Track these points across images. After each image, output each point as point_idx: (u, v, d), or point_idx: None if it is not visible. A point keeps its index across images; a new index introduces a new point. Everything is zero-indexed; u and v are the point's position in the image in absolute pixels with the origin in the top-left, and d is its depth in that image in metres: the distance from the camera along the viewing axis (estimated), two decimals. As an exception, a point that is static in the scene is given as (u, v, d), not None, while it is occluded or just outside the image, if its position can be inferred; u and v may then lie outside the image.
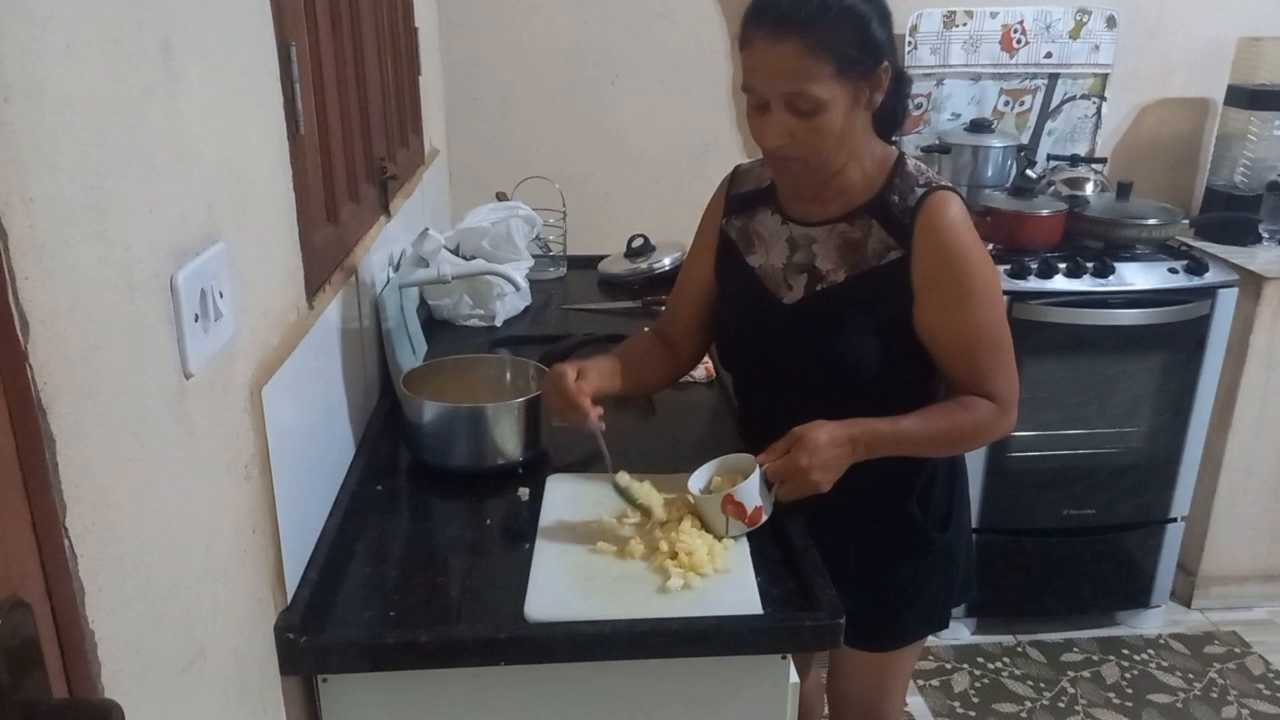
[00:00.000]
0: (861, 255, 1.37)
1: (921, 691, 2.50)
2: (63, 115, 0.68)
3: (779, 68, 1.25)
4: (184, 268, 0.86)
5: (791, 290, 1.42)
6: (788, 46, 1.23)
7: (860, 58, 1.27)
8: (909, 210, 1.34)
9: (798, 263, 1.42)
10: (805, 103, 1.26)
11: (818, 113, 1.27)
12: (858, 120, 1.32)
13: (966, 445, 1.44)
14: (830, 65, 1.24)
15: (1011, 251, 2.55)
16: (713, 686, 1.19)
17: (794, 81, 1.25)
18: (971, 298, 1.34)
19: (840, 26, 1.24)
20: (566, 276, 2.53)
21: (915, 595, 1.54)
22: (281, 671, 1.10)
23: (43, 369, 0.64)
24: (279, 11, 1.18)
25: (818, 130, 1.28)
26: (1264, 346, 2.61)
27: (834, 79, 1.25)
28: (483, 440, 1.48)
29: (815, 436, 1.28)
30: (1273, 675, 2.58)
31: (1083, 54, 2.86)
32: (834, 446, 1.29)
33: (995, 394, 1.37)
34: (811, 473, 1.28)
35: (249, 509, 1.03)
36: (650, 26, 2.77)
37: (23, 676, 0.61)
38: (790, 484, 1.29)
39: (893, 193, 1.36)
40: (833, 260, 1.39)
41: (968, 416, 1.37)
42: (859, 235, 1.37)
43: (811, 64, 1.24)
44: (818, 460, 1.28)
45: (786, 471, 1.28)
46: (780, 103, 1.27)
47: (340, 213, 1.48)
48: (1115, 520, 2.69)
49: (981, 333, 1.36)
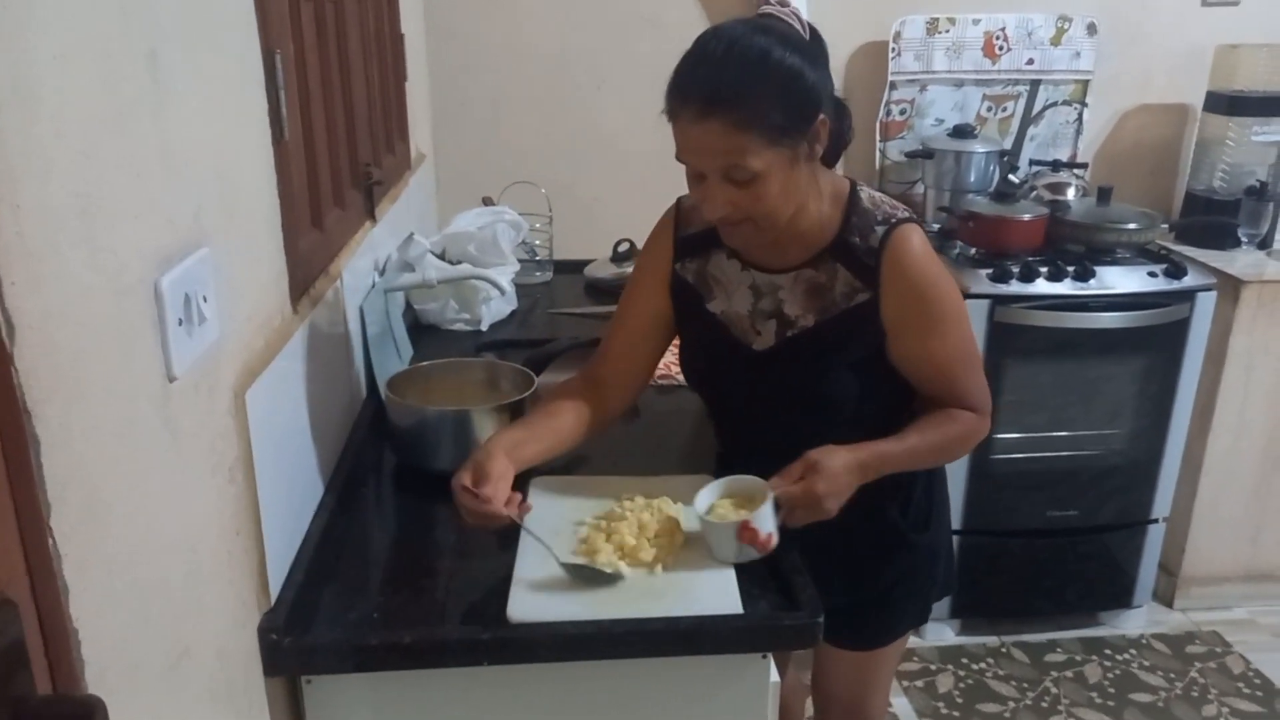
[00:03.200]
0: (830, 299, 1.35)
1: (906, 692, 2.51)
2: (52, 123, 0.69)
3: (708, 145, 1.21)
4: (169, 273, 0.87)
5: (760, 336, 1.40)
6: (713, 125, 1.19)
7: (793, 121, 1.22)
8: (872, 251, 1.32)
9: (764, 309, 1.39)
10: (740, 174, 1.22)
11: (755, 183, 1.22)
12: (799, 174, 1.27)
13: (955, 454, 1.46)
14: (761, 137, 1.19)
15: (993, 255, 2.57)
16: (694, 685, 1.21)
17: (725, 157, 1.21)
18: (943, 324, 1.36)
19: (768, 96, 1.19)
20: (553, 281, 2.54)
21: (899, 594, 1.55)
22: (265, 672, 1.11)
23: (28, 372, 0.65)
24: (264, 20, 1.19)
25: (759, 197, 1.24)
26: (1243, 349, 2.64)
27: (766, 149, 1.20)
28: (467, 444, 1.49)
29: (831, 465, 1.27)
30: (1252, 674, 2.61)
31: (1064, 60, 2.89)
32: (848, 473, 1.29)
33: (975, 405, 1.40)
34: (826, 500, 1.27)
35: (233, 511, 1.04)
36: (637, 32, 2.78)
37: (8, 673, 0.62)
38: (801, 510, 1.27)
39: (852, 234, 1.34)
40: (800, 305, 1.37)
41: (957, 428, 1.39)
42: (824, 280, 1.36)
43: (740, 140, 1.19)
44: (834, 487, 1.27)
45: (802, 500, 1.27)
46: (716, 175, 1.24)
47: (325, 218, 1.49)
48: (1098, 521, 2.72)
49: (955, 353, 1.38)
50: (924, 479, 1.53)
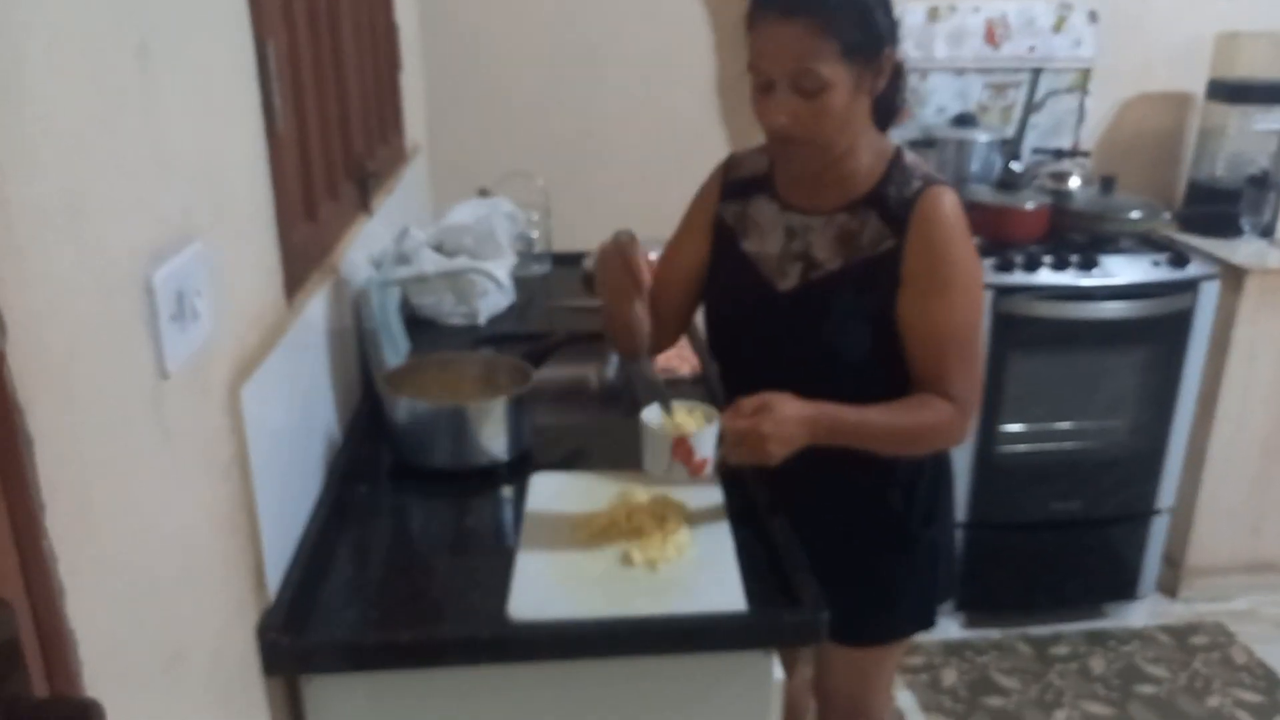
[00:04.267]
0: (857, 245, 1.38)
1: (910, 686, 2.51)
2: (40, 119, 0.68)
3: (786, 47, 1.27)
4: (161, 268, 0.86)
5: (786, 278, 1.42)
6: (795, 26, 1.26)
7: (865, 42, 1.29)
8: (906, 202, 1.35)
9: (794, 251, 1.42)
10: (810, 82, 1.27)
11: (822, 93, 1.28)
12: (860, 105, 1.33)
13: (921, 446, 1.42)
14: (836, 46, 1.26)
15: (997, 245, 2.56)
16: (697, 683, 1.20)
17: (800, 60, 1.27)
18: (950, 291, 1.34)
19: (846, 11, 1.27)
20: (550, 273, 2.53)
21: (900, 591, 1.54)
22: (264, 672, 1.10)
23: (21, 370, 0.64)
24: (256, 10, 1.17)
25: (821, 111, 1.29)
26: (1246, 339, 2.63)
27: (839, 60, 1.27)
28: (465, 439, 1.48)
29: (783, 408, 1.27)
30: (1256, 665, 2.60)
31: (1065, 48, 2.87)
32: (798, 424, 1.28)
33: (956, 396, 1.36)
34: (769, 442, 1.26)
35: (229, 509, 1.03)
36: (634, 22, 2.76)
37: (4, 675, 0.62)
38: (744, 448, 1.27)
39: (890, 185, 1.38)
40: (829, 250, 1.40)
41: (928, 416, 1.36)
42: (856, 226, 1.38)
43: (818, 44, 1.26)
44: (781, 432, 1.26)
45: (746, 434, 1.26)
46: (785, 82, 1.29)
47: (320, 211, 1.48)
48: (1101, 513, 2.71)
49: (954, 330, 1.36)
50: (930, 472, 1.51)
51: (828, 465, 1.36)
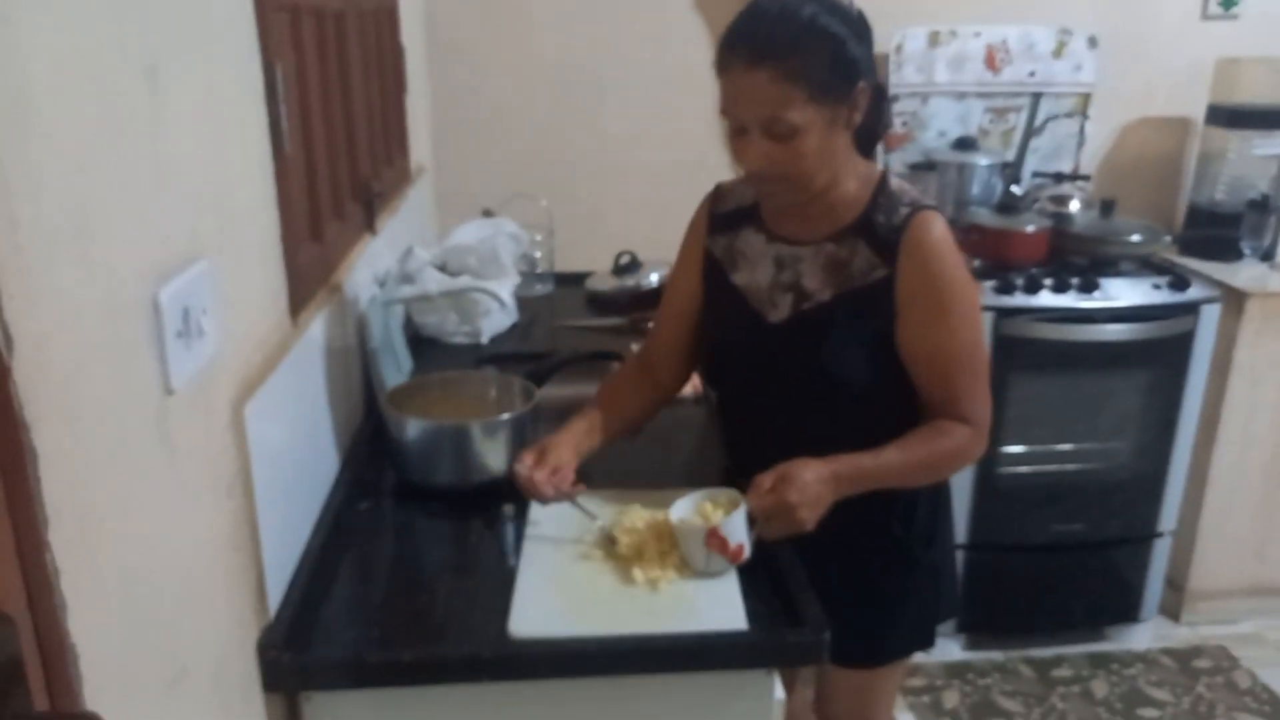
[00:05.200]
0: (847, 274, 1.38)
1: (912, 708, 2.49)
2: (49, 140, 0.69)
3: (753, 95, 1.27)
4: (167, 286, 0.87)
5: (777, 309, 1.42)
6: (761, 75, 1.25)
7: (835, 82, 1.28)
8: (895, 229, 1.35)
9: (784, 282, 1.42)
10: (781, 128, 1.27)
11: (793, 137, 1.28)
12: (837, 140, 1.33)
13: (944, 472, 1.44)
14: (804, 91, 1.25)
15: (997, 268, 2.57)
16: (698, 702, 1.19)
17: (769, 108, 1.27)
18: (950, 316, 1.35)
19: (814, 54, 1.25)
20: (554, 293, 2.54)
21: (900, 613, 1.54)
22: (264, 688, 1.10)
23: (27, 386, 0.65)
24: (265, 33, 1.19)
25: (796, 153, 1.29)
26: (1247, 362, 2.63)
27: (809, 104, 1.26)
28: (468, 457, 1.48)
29: (803, 475, 1.28)
30: (1260, 689, 2.59)
31: (1065, 73, 2.89)
32: (819, 484, 1.29)
33: (969, 417, 1.37)
34: (799, 510, 1.26)
35: (231, 527, 1.03)
36: (638, 46, 2.79)
37: (6, 690, 0.62)
38: (776, 522, 1.28)
39: (878, 212, 1.37)
40: (819, 280, 1.40)
41: (946, 442, 1.36)
42: (845, 255, 1.38)
43: (785, 91, 1.25)
44: (806, 498, 1.27)
45: (774, 509, 1.27)
46: (757, 128, 1.29)
47: (325, 231, 1.49)
48: (1103, 536, 2.70)
49: (959, 353, 1.36)
50: (928, 495, 1.51)
51: None
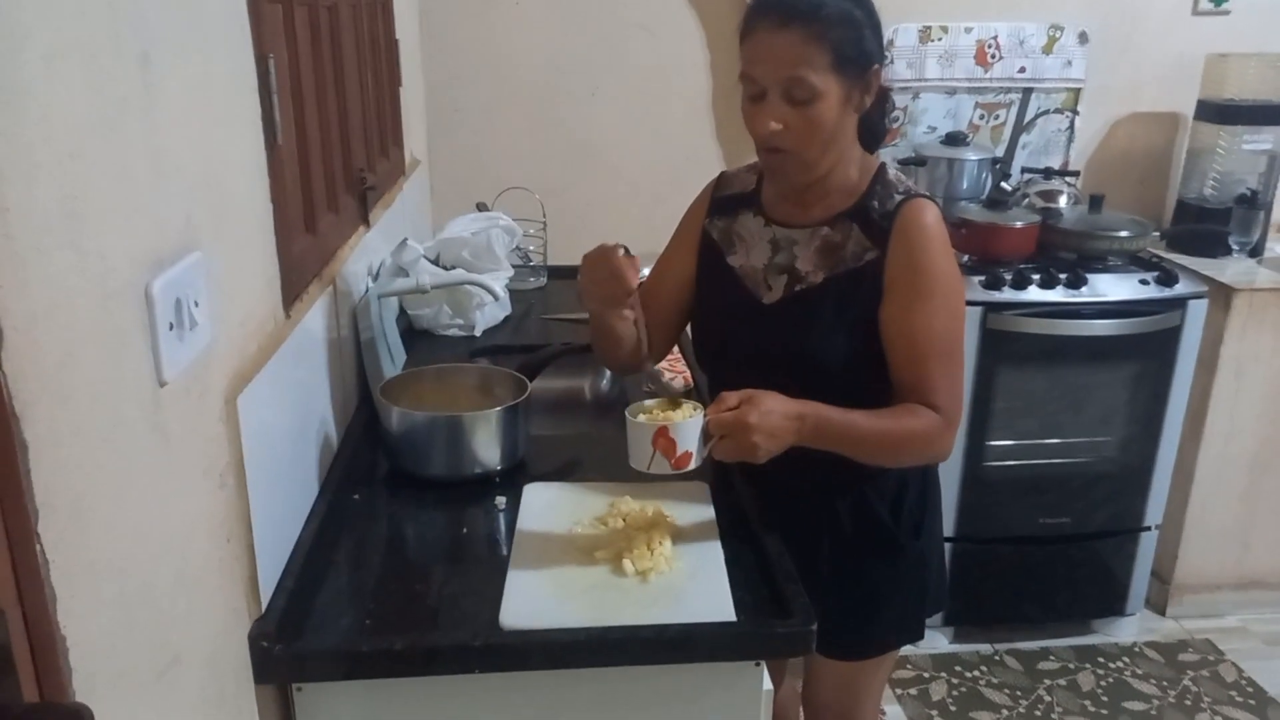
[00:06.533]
0: (840, 257, 1.40)
1: (899, 700, 2.51)
2: (40, 126, 0.69)
3: (780, 54, 1.30)
4: (160, 277, 0.86)
5: (770, 290, 1.44)
6: (790, 34, 1.29)
7: (854, 57, 1.32)
8: (888, 214, 1.38)
9: (778, 264, 1.44)
10: (802, 90, 1.30)
11: (812, 102, 1.30)
12: (848, 122, 1.36)
13: (907, 455, 1.42)
14: (828, 56, 1.29)
15: (986, 263, 2.58)
16: (687, 693, 1.20)
17: (793, 68, 1.29)
18: (931, 300, 1.36)
19: (839, 25, 1.30)
20: (547, 286, 2.54)
21: (887, 602, 1.55)
22: (256, 679, 1.10)
23: (17, 376, 0.64)
24: (258, 24, 1.19)
25: (811, 121, 1.32)
26: (1233, 357, 2.65)
27: (830, 70, 1.30)
28: (460, 449, 1.49)
29: (768, 401, 1.27)
30: (1245, 683, 2.61)
31: (1055, 69, 2.90)
32: (784, 418, 1.28)
33: (938, 405, 1.36)
34: (754, 433, 1.24)
35: (224, 517, 1.03)
36: (630, 39, 2.79)
37: (-5, 679, 0.62)
38: (730, 441, 1.26)
39: (873, 199, 1.40)
40: (812, 262, 1.42)
41: (914, 423, 1.35)
42: (839, 239, 1.41)
43: (811, 52, 1.29)
44: (765, 424, 1.25)
45: (731, 426, 1.25)
46: (777, 91, 1.31)
47: (319, 223, 1.49)
48: (1090, 529, 2.72)
49: (935, 340, 1.36)
50: (916, 484, 1.53)
51: (816, 478, 1.37)
